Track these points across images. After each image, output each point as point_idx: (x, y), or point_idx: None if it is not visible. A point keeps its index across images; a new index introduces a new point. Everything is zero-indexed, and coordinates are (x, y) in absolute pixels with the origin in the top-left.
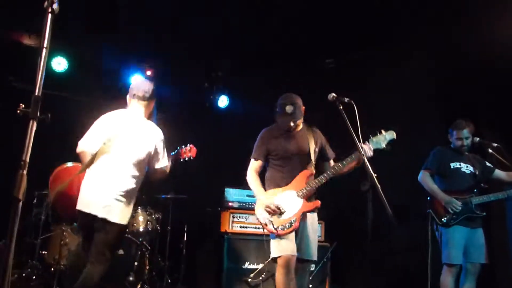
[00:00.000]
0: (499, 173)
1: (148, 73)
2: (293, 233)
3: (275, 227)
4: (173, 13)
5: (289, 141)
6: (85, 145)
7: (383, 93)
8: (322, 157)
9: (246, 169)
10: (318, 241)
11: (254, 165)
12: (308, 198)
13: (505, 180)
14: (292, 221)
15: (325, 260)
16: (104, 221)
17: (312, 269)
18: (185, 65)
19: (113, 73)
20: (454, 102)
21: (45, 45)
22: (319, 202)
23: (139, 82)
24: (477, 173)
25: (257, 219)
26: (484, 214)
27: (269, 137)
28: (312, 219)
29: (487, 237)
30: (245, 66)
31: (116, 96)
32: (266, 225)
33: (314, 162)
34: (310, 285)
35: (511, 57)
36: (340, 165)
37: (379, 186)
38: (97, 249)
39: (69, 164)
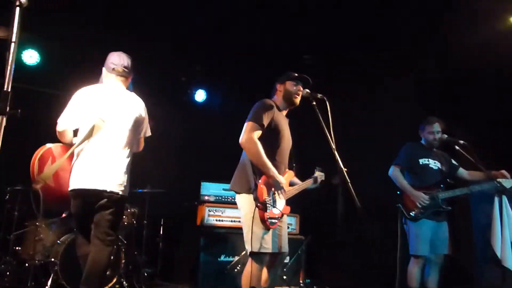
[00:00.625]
0: (462, 171)
1: None
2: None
3: (269, 217)
4: (156, 5)
5: (285, 124)
6: (66, 122)
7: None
8: None
9: (222, 162)
10: (293, 234)
11: (258, 133)
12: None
13: (467, 178)
14: (277, 218)
15: (299, 252)
16: (116, 196)
17: (286, 261)
18: (163, 58)
19: (90, 65)
20: (433, 101)
21: (13, 39)
22: (289, 208)
23: (118, 57)
24: (444, 169)
25: (278, 186)
26: (450, 208)
27: (273, 107)
28: (284, 217)
29: (453, 229)
30: (224, 61)
31: None
32: (269, 207)
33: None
34: (285, 277)
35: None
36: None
37: (348, 180)
38: (103, 229)
39: (50, 145)
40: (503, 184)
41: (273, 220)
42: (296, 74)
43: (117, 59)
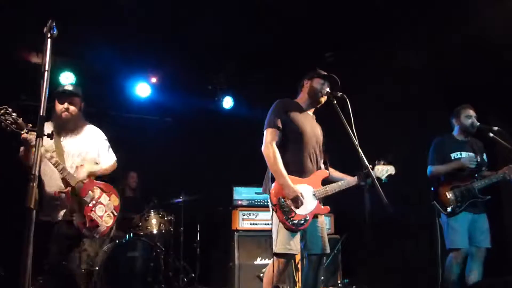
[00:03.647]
0: (484, 171)
1: (153, 80)
2: (299, 232)
3: (293, 219)
4: (173, 17)
5: (306, 120)
6: None
7: (383, 86)
8: None
9: (252, 168)
10: (328, 234)
11: (276, 137)
12: (321, 200)
13: (486, 175)
14: (305, 219)
15: (335, 252)
16: None
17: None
18: (188, 69)
19: (119, 83)
20: (454, 91)
21: (46, 68)
22: (329, 208)
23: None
24: (478, 160)
25: (295, 195)
26: (489, 197)
27: (289, 108)
28: (322, 218)
29: (499, 221)
30: (247, 66)
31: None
32: (294, 209)
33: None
34: (322, 277)
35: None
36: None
37: (374, 177)
38: None
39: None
40: None
41: (300, 222)
42: (325, 73)
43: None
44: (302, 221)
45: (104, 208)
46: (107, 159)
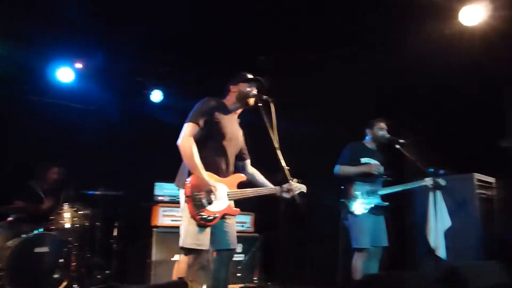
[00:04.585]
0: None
1: (78, 65)
2: (209, 228)
3: (203, 213)
4: (109, 6)
5: (231, 123)
6: None
7: (316, 93)
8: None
9: (177, 164)
10: (248, 232)
11: (195, 133)
12: (234, 202)
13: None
14: (214, 217)
15: (254, 250)
16: None
17: (241, 258)
18: (117, 58)
19: (38, 65)
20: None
21: None
22: (239, 210)
23: None
24: (381, 169)
25: (210, 188)
26: (387, 204)
27: (217, 106)
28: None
29: (401, 223)
30: (180, 62)
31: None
32: (206, 204)
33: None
34: (239, 274)
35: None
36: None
37: (291, 178)
38: None
39: None
40: (439, 182)
41: (209, 217)
42: (251, 76)
43: None
44: (211, 218)
45: None
46: None
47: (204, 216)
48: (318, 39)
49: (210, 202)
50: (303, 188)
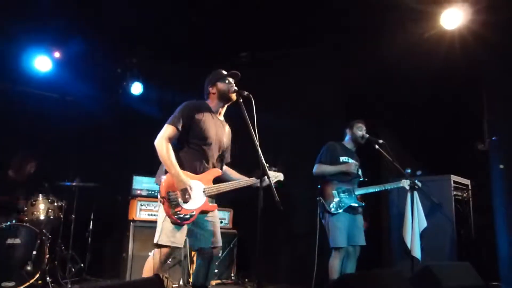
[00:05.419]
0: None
1: (57, 54)
2: (186, 226)
3: (179, 213)
4: None
5: (214, 125)
6: None
7: (294, 91)
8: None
9: (156, 157)
10: (226, 228)
11: (172, 135)
12: (212, 197)
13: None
14: (191, 215)
15: (231, 246)
16: None
17: (219, 254)
18: (97, 48)
19: (16, 56)
20: (359, 104)
21: None
22: (217, 206)
23: None
24: (359, 169)
25: (185, 187)
26: (363, 204)
27: (198, 110)
28: (214, 212)
29: (377, 223)
30: (162, 55)
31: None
32: (181, 202)
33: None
34: (216, 270)
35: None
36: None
37: (269, 175)
38: None
39: None
40: (416, 182)
41: (185, 216)
42: (225, 72)
43: None
44: (188, 216)
45: None
46: None
47: (180, 215)
48: (295, 36)
49: (185, 201)
50: (280, 176)
